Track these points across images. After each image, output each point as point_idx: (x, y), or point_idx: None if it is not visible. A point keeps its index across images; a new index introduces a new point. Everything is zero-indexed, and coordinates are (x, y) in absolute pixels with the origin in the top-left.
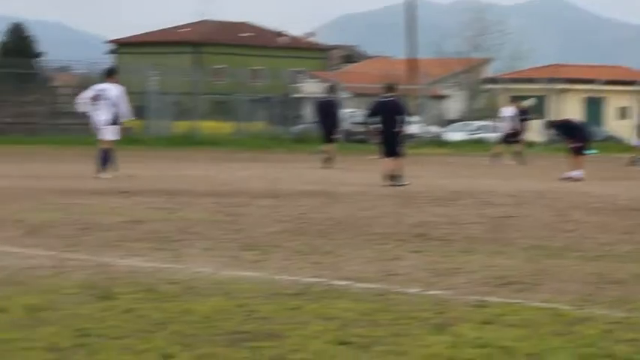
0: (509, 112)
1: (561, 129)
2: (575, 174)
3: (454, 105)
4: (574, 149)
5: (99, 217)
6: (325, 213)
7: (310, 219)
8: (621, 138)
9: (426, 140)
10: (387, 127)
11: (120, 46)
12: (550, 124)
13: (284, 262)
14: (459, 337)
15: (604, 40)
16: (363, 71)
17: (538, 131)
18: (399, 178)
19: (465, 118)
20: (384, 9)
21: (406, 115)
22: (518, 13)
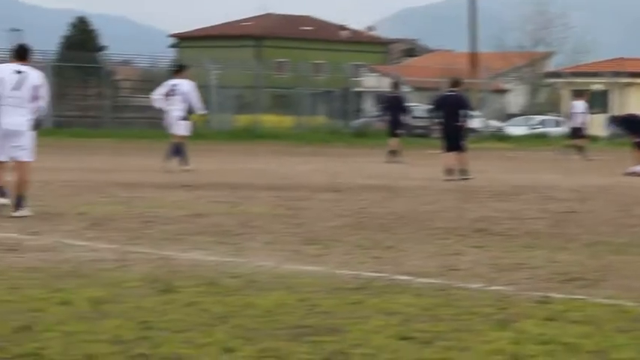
0: (580, 106)
1: (625, 124)
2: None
3: (515, 99)
4: (638, 144)
5: (161, 210)
6: (386, 207)
7: (371, 213)
8: None
9: (487, 135)
10: (450, 122)
11: (181, 40)
12: (613, 118)
13: (345, 257)
14: (521, 334)
15: None
16: (423, 65)
17: (601, 126)
18: (465, 172)
19: (527, 112)
20: (445, 2)
21: (469, 110)
22: (581, 5)
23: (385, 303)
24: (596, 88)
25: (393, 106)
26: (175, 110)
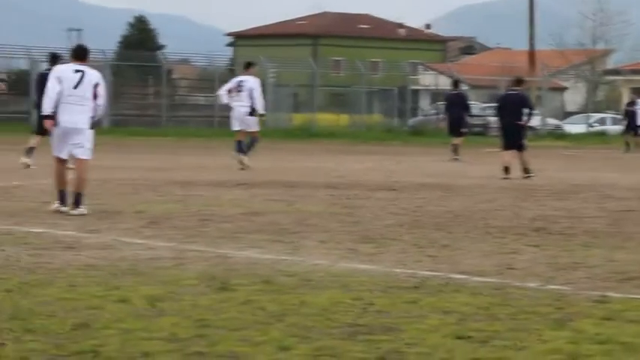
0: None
1: None
2: None
3: (573, 97)
4: None
5: (217, 208)
6: (443, 206)
7: (427, 212)
8: None
9: (545, 133)
10: (511, 120)
11: (238, 39)
12: None
13: (401, 256)
14: (579, 333)
15: None
16: (481, 63)
17: None
18: (527, 170)
19: (585, 110)
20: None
21: (531, 109)
22: None
23: (441, 302)
24: None
25: (454, 104)
26: (242, 107)
